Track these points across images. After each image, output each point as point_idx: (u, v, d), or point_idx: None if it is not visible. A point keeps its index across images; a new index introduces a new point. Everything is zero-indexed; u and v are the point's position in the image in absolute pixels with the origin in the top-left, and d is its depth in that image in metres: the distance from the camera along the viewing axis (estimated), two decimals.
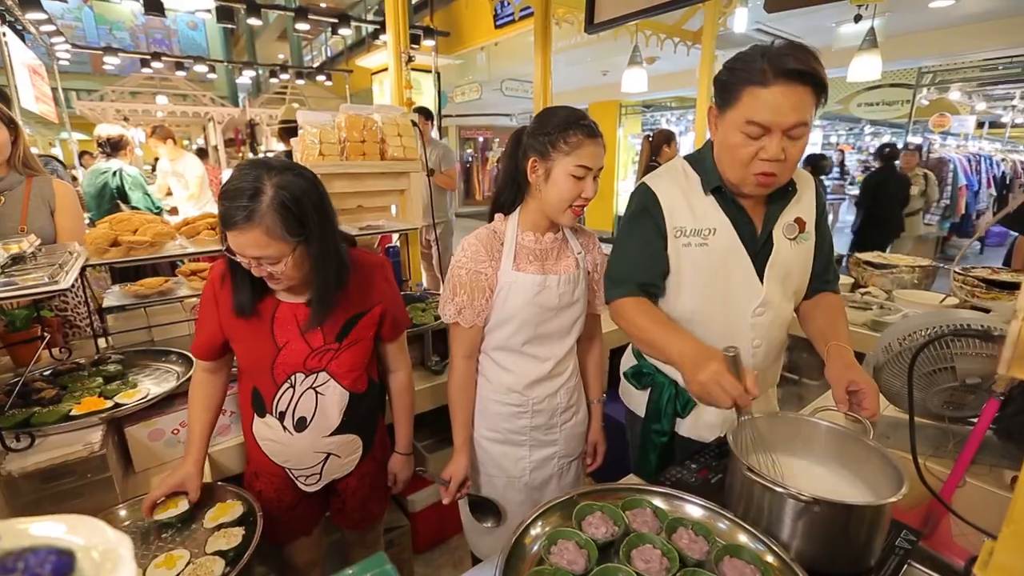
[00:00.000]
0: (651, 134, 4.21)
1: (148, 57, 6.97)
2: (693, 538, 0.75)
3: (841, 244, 5.35)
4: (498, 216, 1.23)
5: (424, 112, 3.65)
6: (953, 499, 1.20)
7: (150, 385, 1.37)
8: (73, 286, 1.59)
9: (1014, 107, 8.40)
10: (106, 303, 1.73)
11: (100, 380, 1.36)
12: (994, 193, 7.49)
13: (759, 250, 1.10)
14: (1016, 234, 4.16)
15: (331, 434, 1.19)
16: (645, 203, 1.12)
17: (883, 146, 5.57)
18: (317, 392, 1.15)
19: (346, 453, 1.23)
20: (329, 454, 1.21)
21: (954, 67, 6.41)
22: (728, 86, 0.98)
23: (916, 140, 7.99)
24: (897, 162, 5.45)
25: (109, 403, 1.24)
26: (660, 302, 1.17)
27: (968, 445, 1.18)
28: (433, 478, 1.26)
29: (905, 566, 0.82)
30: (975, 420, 1.29)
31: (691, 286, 1.12)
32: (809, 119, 0.95)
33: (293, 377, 1.13)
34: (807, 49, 0.92)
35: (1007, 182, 7.83)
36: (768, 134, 0.94)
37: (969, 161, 6.91)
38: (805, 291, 1.20)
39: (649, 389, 1.24)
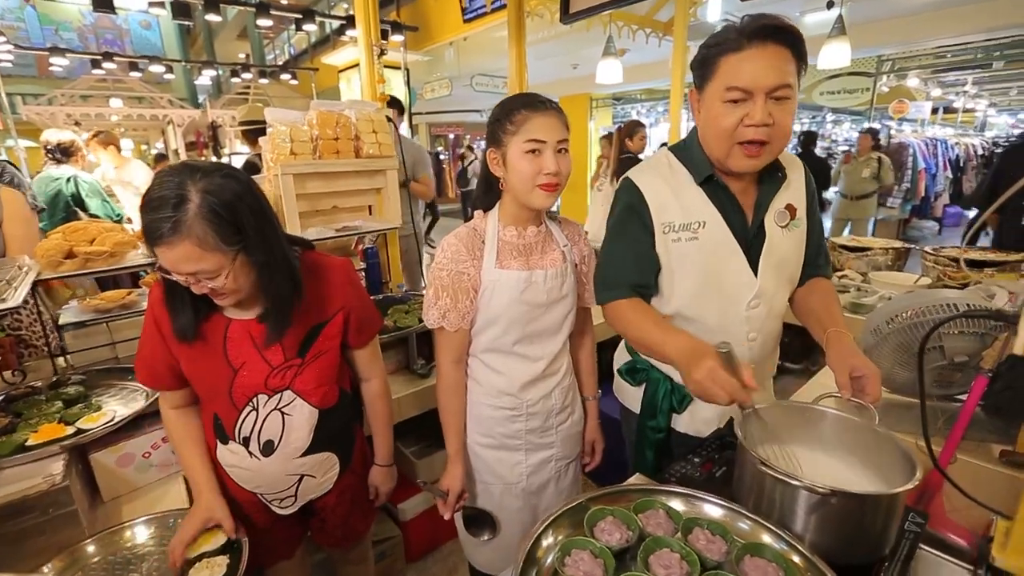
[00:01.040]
0: (621, 126, 4.21)
1: (99, 57, 6.59)
2: (710, 538, 0.72)
3: None
4: (477, 213, 1.18)
5: (396, 104, 3.09)
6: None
7: (116, 406, 1.27)
8: (26, 303, 1.47)
9: (966, 92, 8.77)
10: (63, 319, 1.61)
11: (59, 404, 1.26)
12: (950, 176, 7.80)
13: (751, 240, 1.07)
14: (970, 214, 4.36)
15: (303, 455, 1.10)
16: (631, 200, 1.08)
17: (801, 133, 5.80)
18: (283, 413, 1.06)
19: (321, 472, 1.15)
20: (303, 475, 1.12)
21: (911, 54, 6.63)
22: (705, 61, 0.97)
23: (876, 126, 8.27)
24: (815, 148, 5.75)
25: (71, 429, 1.15)
26: (653, 300, 1.14)
27: (959, 422, 1.20)
28: (432, 491, 1.20)
29: (917, 550, 0.82)
30: (962, 397, 1.32)
31: (683, 282, 1.09)
32: (792, 82, 0.93)
33: (255, 399, 1.04)
34: (778, 16, 0.92)
35: (961, 165, 8.16)
36: (751, 98, 0.92)
37: (927, 145, 7.17)
38: (799, 279, 1.18)
39: (644, 385, 1.22)
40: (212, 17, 4.15)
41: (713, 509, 0.80)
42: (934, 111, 9.31)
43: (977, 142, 8.88)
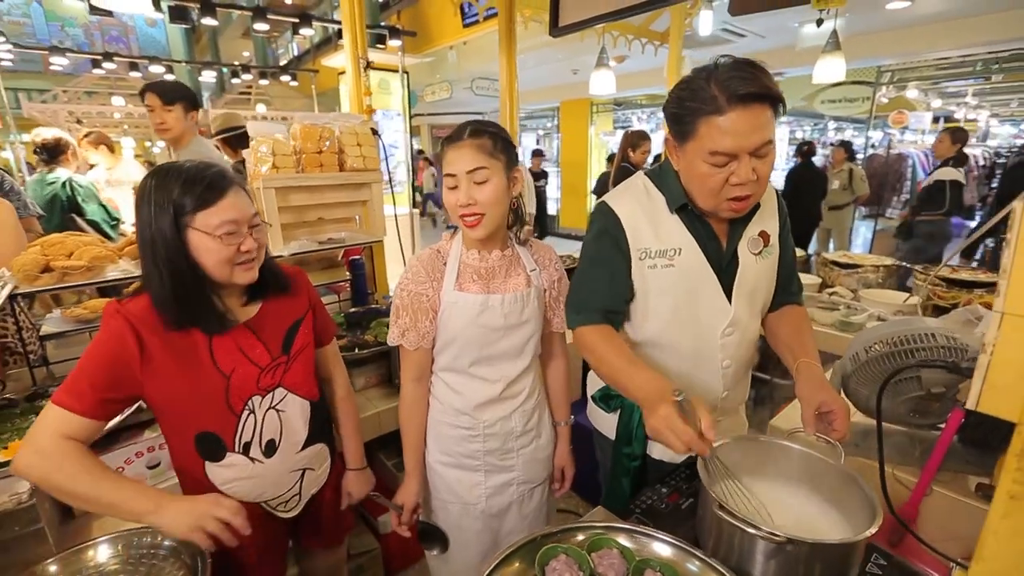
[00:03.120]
0: (628, 133, 4.17)
1: (99, 57, 6.61)
2: None
3: None
4: (445, 235, 1.20)
5: (184, 96, 2.17)
6: (920, 508, 1.21)
7: None
8: (3, 310, 1.48)
9: (966, 104, 8.74)
10: (45, 329, 1.62)
11: (33, 419, 1.26)
12: None
13: (725, 268, 1.07)
14: (972, 224, 4.41)
15: (302, 449, 1.13)
16: (607, 225, 1.07)
17: (801, 143, 5.82)
18: (278, 411, 1.09)
19: (318, 464, 1.19)
20: (304, 469, 1.16)
21: (911, 66, 6.62)
22: (681, 119, 0.94)
23: (877, 135, 8.23)
24: (815, 157, 5.75)
25: None
26: (626, 326, 1.13)
27: (934, 456, 1.19)
28: (386, 504, 1.21)
29: None
30: (941, 426, 1.31)
31: (658, 309, 1.08)
32: (773, 136, 0.92)
33: (250, 402, 1.05)
34: (754, 64, 0.89)
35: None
36: (735, 159, 0.91)
37: (927, 156, 7.14)
38: (771, 304, 1.18)
39: (619, 411, 1.20)
40: (209, 21, 4.17)
41: (669, 550, 0.79)
42: (935, 120, 9.28)
43: (979, 152, 8.83)
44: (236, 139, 2.79)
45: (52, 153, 3.14)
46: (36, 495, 1.05)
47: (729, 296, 1.07)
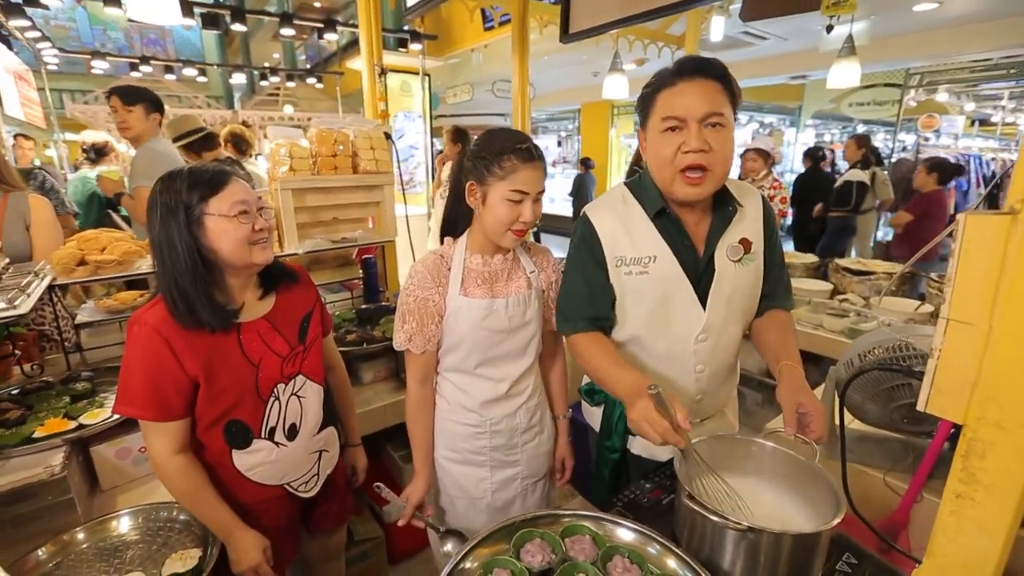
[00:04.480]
0: None
1: (137, 61, 6.95)
2: (627, 566, 0.76)
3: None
4: (447, 240, 1.23)
5: (125, 95, 2.21)
6: (911, 514, 1.22)
7: None
8: (43, 306, 1.60)
9: (1003, 107, 8.41)
10: (79, 319, 1.74)
11: (67, 400, 1.37)
12: (982, 192, 7.49)
13: (702, 274, 1.09)
14: None
15: (318, 431, 1.23)
16: (584, 235, 1.12)
17: (809, 148, 5.74)
18: (299, 396, 1.17)
19: (332, 445, 1.30)
20: (321, 451, 1.25)
21: (942, 68, 6.42)
22: (644, 99, 1.05)
23: (910, 139, 7.99)
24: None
25: (73, 424, 1.25)
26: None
27: (923, 463, 1.20)
28: (391, 498, 1.26)
29: None
30: (935, 433, 1.31)
31: (634, 313, 1.12)
32: (725, 111, 0.97)
33: (276, 389, 1.14)
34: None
35: (999, 182, 7.82)
36: (686, 127, 0.97)
37: (956, 161, 6.90)
38: (755, 311, 1.19)
39: (603, 406, 1.25)
40: (238, 27, 4.37)
41: (631, 535, 0.84)
42: (971, 123, 8.95)
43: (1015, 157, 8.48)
44: (199, 143, 2.72)
45: (100, 153, 3.41)
46: (67, 468, 1.15)
47: (704, 303, 1.09)
